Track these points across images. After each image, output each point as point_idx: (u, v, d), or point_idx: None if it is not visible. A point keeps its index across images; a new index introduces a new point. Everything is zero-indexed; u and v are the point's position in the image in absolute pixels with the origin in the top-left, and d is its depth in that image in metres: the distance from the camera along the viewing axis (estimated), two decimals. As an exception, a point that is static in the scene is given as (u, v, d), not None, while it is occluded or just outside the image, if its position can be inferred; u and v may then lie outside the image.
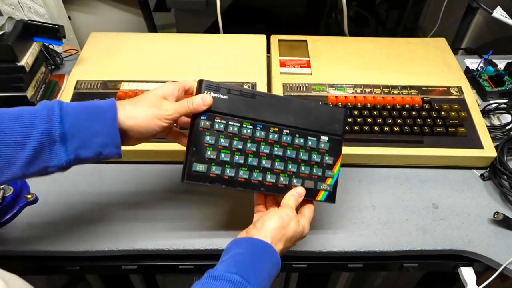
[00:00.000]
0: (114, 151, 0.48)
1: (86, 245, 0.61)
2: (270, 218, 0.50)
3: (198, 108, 0.50)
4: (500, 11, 0.89)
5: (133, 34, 0.90)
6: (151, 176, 0.70)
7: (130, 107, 0.49)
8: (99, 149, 0.47)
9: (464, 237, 0.63)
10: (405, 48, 0.87)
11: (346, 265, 0.65)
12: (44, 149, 0.45)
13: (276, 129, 0.54)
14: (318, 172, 0.55)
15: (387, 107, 0.75)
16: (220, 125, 0.51)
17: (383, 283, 1.07)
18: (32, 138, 0.44)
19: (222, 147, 0.52)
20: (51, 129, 0.44)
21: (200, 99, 0.50)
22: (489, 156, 0.70)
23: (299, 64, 0.83)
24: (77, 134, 0.46)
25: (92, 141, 0.47)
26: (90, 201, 0.66)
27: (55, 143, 0.45)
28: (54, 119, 0.45)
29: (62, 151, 0.45)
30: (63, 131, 0.45)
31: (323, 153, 0.55)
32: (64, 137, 0.45)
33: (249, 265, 0.45)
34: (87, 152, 0.47)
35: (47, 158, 0.45)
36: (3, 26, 0.71)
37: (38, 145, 0.44)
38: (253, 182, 0.53)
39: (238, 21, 1.03)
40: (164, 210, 0.65)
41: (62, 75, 0.88)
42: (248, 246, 0.48)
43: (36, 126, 0.44)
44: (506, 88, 0.86)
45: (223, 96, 0.52)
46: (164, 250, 0.61)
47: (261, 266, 0.46)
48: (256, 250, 0.48)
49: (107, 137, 0.47)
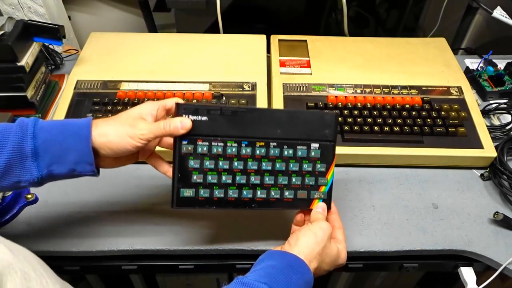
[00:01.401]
0: (88, 168, 0.48)
1: (86, 245, 0.61)
2: (304, 234, 0.50)
3: (175, 131, 0.48)
4: (500, 11, 0.89)
5: (133, 34, 0.90)
6: (151, 176, 0.70)
7: (103, 125, 0.48)
8: (73, 166, 0.47)
9: (464, 237, 0.63)
10: (405, 48, 0.87)
11: (346, 265, 0.64)
12: (15, 164, 0.45)
13: (263, 143, 0.51)
14: (310, 182, 0.53)
15: (387, 107, 0.75)
16: (203, 148, 0.50)
17: (383, 283, 1.07)
18: (4, 153, 0.45)
19: (208, 169, 0.50)
20: (22, 144, 0.45)
21: (178, 122, 0.48)
22: (489, 156, 0.70)
23: (299, 64, 0.83)
24: (50, 149, 0.46)
25: (65, 158, 0.47)
26: (90, 201, 0.66)
27: (27, 158, 0.45)
28: (27, 134, 0.45)
29: (33, 166, 0.46)
30: (35, 146, 0.45)
31: (315, 161, 0.53)
32: (36, 152, 0.46)
33: (280, 278, 0.45)
34: (60, 168, 0.47)
35: (18, 173, 0.46)
36: (3, 26, 0.71)
37: (9, 159, 0.45)
38: (243, 200, 0.52)
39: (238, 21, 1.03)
40: (164, 210, 0.65)
41: (62, 75, 0.88)
42: (281, 260, 0.47)
43: (9, 141, 0.45)
44: (506, 88, 0.86)
45: (202, 118, 0.49)
46: (164, 250, 0.61)
47: (292, 281, 0.45)
48: (289, 265, 0.47)
49: (80, 154, 0.47)
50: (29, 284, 0.35)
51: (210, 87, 0.78)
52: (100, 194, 0.67)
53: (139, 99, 0.75)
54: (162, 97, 0.76)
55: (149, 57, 0.83)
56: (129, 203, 0.66)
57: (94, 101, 0.75)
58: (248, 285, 0.43)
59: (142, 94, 0.76)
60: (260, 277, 0.45)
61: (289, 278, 0.45)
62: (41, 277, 0.37)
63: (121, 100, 0.75)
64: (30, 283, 0.35)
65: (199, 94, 0.76)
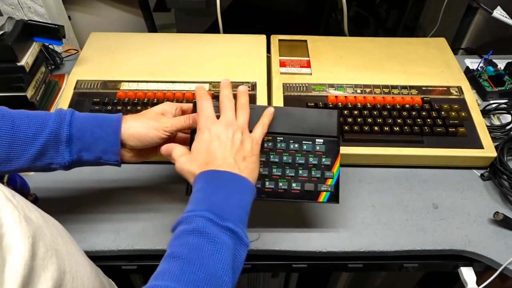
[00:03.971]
0: (113, 157, 0.53)
1: (86, 245, 0.61)
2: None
3: (194, 124, 0.53)
4: (500, 11, 0.89)
5: (133, 34, 0.90)
6: (151, 176, 0.70)
7: (132, 119, 0.54)
8: (100, 154, 0.52)
9: (464, 237, 0.63)
10: (405, 48, 0.87)
11: (346, 265, 0.65)
12: (50, 147, 0.50)
13: (270, 138, 0.55)
14: (316, 174, 0.55)
15: (387, 107, 0.75)
16: None
17: (383, 283, 1.07)
18: (42, 136, 0.50)
19: None
20: (59, 130, 0.50)
21: (196, 116, 0.53)
22: (489, 156, 0.70)
23: (299, 64, 0.83)
24: (82, 138, 0.51)
25: (95, 146, 0.52)
26: (90, 201, 0.66)
27: (61, 143, 0.51)
28: (64, 122, 0.51)
29: (66, 151, 0.51)
30: (70, 133, 0.51)
31: (320, 155, 0.56)
32: (70, 139, 0.51)
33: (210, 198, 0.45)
34: (88, 155, 0.52)
35: (52, 156, 0.51)
36: (3, 26, 0.71)
37: (46, 143, 0.50)
38: None
39: (238, 21, 1.03)
40: (164, 210, 0.65)
41: (62, 75, 0.88)
42: (201, 183, 0.47)
43: (48, 127, 0.50)
44: (506, 88, 0.86)
45: (215, 113, 0.53)
46: (164, 250, 0.61)
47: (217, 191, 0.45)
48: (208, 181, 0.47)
49: (108, 144, 0.52)
50: (56, 246, 0.40)
51: (210, 87, 0.78)
52: (100, 194, 0.67)
53: (139, 99, 0.75)
54: (162, 97, 0.76)
55: (149, 57, 0.83)
56: (129, 203, 0.66)
57: (94, 101, 0.75)
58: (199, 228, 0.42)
59: (142, 94, 0.76)
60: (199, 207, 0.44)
61: (213, 192, 0.45)
62: (67, 244, 0.43)
63: (121, 100, 0.75)
64: (57, 246, 0.41)
65: (199, 94, 0.76)
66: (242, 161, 0.49)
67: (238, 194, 0.46)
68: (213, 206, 0.44)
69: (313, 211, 0.66)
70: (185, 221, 0.43)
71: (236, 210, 0.45)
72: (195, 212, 0.43)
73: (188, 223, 0.43)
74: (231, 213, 0.44)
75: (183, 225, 0.43)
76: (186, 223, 0.43)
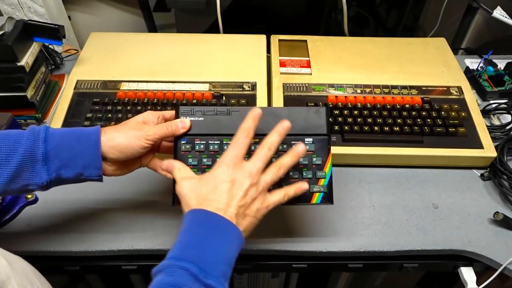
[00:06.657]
0: (95, 172, 0.50)
1: (86, 245, 0.61)
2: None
3: (177, 131, 0.52)
4: (500, 11, 0.89)
5: (133, 34, 0.90)
6: (151, 176, 0.70)
7: (111, 131, 0.51)
8: (80, 170, 0.49)
9: (464, 237, 0.63)
10: (405, 48, 0.87)
11: (346, 265, 0.65)
12: (25, 168, 0.47)
13: (257, 140, 0.52)
14: (308, 175, 0.53)
15: (387, 107, 0.75)
16: (201, 146, 0.53)
17: (383, 283, 1.07)
18: (15, 157, 0.46)
19: (206, 166, 0.53)
20: (34, 149, 0.47)
21: (178, 122, 0.52)
22: (489, 156, 0.70)
23: (299, 64, 0.83)
24: (60, 154, 0.48)
25: (74, 162, 0.49)
26: (90, 201, 0.66)
27: (37, 162, 0.47)
28: (39, 139, 0.47)
29: (43, 170, 0.47)
30: (46, 151, 0.47)
31: (310, 154, 0.54)
32: (46, 156, 0.47)
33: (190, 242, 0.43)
34: (68, 173, 0.49)
35: (28, 177, 0.47)
36: (3, 26, 0.71)
37: (20, 163, 0.46)
38: None
39: (238, 21, 1.03)
40: (164, 210, 0.65)
41: (62, 75, 0.88)
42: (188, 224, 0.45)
43: (21, 146, 0.46)
44: (506, 88, 0.86)
45: (199, 118, 0.53)
46: (164, 250, 0.61)
47: (202, 237, 0.43)
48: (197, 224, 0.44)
49: (89, 158, 0.49)
50: None
51: (210, 87, 0.78)
52: (100, 194, 0.67)
53: (139, 99, 0.75)
54: (162, 97, 0.76)
55: (149, 57, 0.83)
56: (129, 203, 0.66)
57: (94, 101, 0.75)
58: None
59: (142, 94, 0.76)
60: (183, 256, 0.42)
61: (196, 234, 0.43)
62: None
63: (121, 100, 0.75)
64: None
65: (199, 94, 0.76)
66: (242, 217, 0.46)
67: (227, 245, 0.44)
68: (200, 258, 0.41)
69: (313, 211, 0.66)
70: (167, 271, 0.40)
71: (222, 265, 0.42)
72: (179, 262, 0.40)
73: (170, 274, 0.40)
74: (216, 269, 0.41)
75: (164, 276, 0.40)
76: (168, 273, 0.40)
